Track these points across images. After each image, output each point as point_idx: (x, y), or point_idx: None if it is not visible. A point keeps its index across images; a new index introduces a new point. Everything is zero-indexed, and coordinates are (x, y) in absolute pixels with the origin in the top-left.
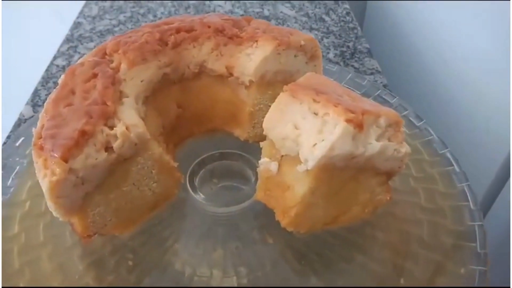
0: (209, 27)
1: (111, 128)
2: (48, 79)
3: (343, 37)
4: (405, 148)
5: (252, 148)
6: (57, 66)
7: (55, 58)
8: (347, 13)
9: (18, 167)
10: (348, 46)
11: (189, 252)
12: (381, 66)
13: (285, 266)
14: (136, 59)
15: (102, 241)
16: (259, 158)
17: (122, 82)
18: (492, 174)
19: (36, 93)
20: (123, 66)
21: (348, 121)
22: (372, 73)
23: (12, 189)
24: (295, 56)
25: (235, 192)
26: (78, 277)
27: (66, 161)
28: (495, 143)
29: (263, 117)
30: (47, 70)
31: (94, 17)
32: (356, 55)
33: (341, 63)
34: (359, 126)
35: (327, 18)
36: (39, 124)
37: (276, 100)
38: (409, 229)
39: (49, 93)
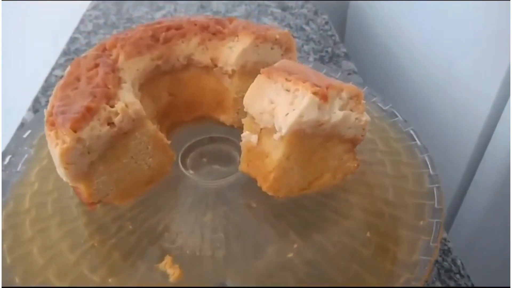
0: (195, 24)
1: (112, 106)
2: (47, 88)
3: (322, 43)
4: (365, 117)
5: (237, 133)
6: (56, 76)
7: (53, 69)
8: (326, 23)
9: (26, 155)
10: (326, 51)
11: (183, 217)
12: (360, 69)
13: (267, 225)
14: (132, 52)
15: (104, 211)
16: None
17: (120, 71)
18: (459, 174)
19: (37, 100)
20: (121, 58)
21: (314, 93)
22: (349, 74)
23: (21, 174)
24: (271, 48)
25: (223, 169)
26: (83, 241)
27: (75, 131)
28: (463, 143)
29: None
30: (46, 80)
31: (89, 33)
32: (334, 58)
33: None
34: (323, 98)
35: (307, 28)
36: (49, 106)
37: (254, 81)
38: (377, 193)
39: (48, 101)
